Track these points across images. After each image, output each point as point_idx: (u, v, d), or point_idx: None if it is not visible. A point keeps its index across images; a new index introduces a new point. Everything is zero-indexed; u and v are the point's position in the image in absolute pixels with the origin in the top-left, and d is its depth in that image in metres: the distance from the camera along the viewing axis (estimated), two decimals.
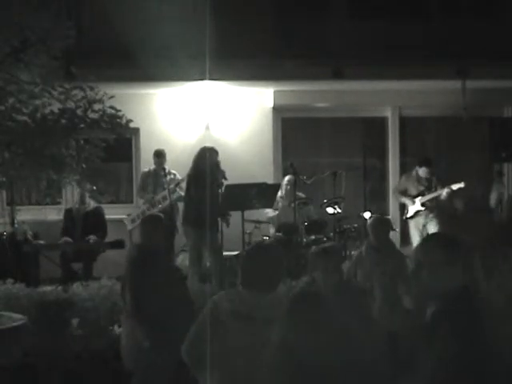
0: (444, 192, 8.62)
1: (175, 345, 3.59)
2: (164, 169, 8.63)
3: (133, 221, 8.78)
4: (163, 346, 4.21)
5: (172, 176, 8.74)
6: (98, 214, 8.72)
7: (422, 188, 8.86)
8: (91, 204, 8.71)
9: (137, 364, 4.46)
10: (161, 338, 4.25)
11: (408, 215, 8.94)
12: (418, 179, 8.90)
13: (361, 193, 9.86)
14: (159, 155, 8.93)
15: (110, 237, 8.61)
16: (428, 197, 8.77)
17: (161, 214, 5.79)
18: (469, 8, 9.31)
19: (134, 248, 4.70)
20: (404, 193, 9.01)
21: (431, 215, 8.83)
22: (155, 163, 8.96)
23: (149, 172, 9.10)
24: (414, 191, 8.90)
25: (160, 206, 8.58)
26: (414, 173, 8.99)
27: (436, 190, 8.76)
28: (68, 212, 8.84)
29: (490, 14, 9.42)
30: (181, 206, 8.62)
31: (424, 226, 8.86)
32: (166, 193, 8.53)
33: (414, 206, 8.84)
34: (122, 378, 5.34)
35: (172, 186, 8.47)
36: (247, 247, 3.63)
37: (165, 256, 5.06)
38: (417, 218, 8.88)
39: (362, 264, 5.54)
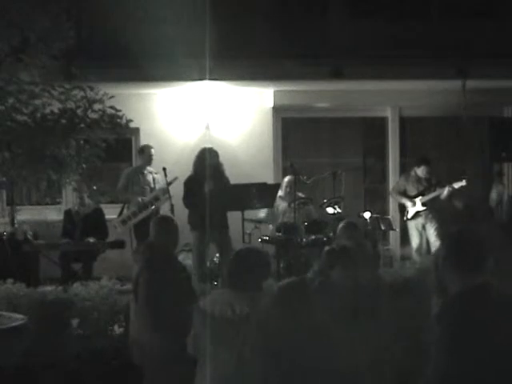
0: (445, 191, 8.63)
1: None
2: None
3: (123, 222, 8.47)
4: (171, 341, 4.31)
5: (155, 175, 8.53)
6: (97, 215, 8.67)
7: (421, 188, 8.84)
8: (90, 205, 8.67)
9: (145, 360, 4.57)
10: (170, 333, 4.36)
11: (409, 216, 8.92)
12: (418, 179, 8.88)
13: (361, 193, 9.87)
14: (149, 151, 8.77)
15: (111, 237, 8.60)
16: (429, 196, 8.76)
17: (172, 216, 5.75)
18: (469, 8, 9.31)
19: (146, 248, 4.81)
20: (403, 193, 8.99)
21: (431, 215, 8.82)
22: (143, 159, 8.77)
23: (134, 170, 8.93)
24: (413, 191, 8.88)
25: (153, 207, 8.36)
26: (412, 173, 8.98)
27: (436, 189, 8.74)
28: (67, 213, 8.79)
29: (489, 14, 9.42)
30: (177, 207, 8.59)
31: (423, 226, 8.85)
32: (157, 193, 8.45)
33: (415, 207, 8.82)
34: (122, 378, 5.35)
35: (166, 186, 8.34)
36: (235, 251, 3.86)
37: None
38: (417, 218, 8.86)
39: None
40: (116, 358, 5.49)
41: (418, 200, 8.79)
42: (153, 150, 8.79)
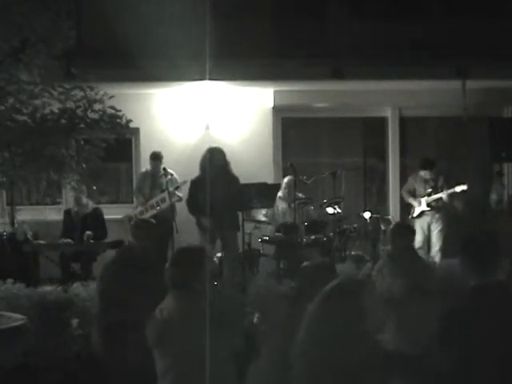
0: (446, 194, 8.69)
1: None
2: (165, 169, 8.56)
3: (129, 220, 8.66)
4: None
5: (170, 176, 8.62)
6: (97, 215, 8.69)
7: (428, 188, 8.91)
8: (89, 205, 8.69)
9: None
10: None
11: (414, 215, 8.99)
12: (424, 180, 8.98)
13: (361, 193, 9.88)
14: (155, 158, 8.87)
15: (111, 237, 8.61)
16: (432, 197, 8.82)
17: (151, 220, 5.86)
18: (469, 8, 9.30)
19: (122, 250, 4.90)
20: (411, 193, 9.06)
21: (437, 215, 8.88)
22: (151, 165, 8.94)
23: (146, 173, 9.07)
24: (421, 191, 8.97)
25: (158, 207, 8.50)
26: (420, 174, 9.06)
27: (442, 190, 8.81)
28: (67, 214, 8.80)
29: (490, 14, 9.42)
30: (179, 206, 8.59)
31: (429, 225, 8.90)
32: (164, 195, 8.49)
33: (421, 207, 8.89)
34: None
35: (171, 188, 8.39)
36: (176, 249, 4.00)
37: (157, 259, 5.22)
38: (422, 218, 8.93)
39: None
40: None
41: (423, 200, 8.85)
42: (161, 157, 8.88)
